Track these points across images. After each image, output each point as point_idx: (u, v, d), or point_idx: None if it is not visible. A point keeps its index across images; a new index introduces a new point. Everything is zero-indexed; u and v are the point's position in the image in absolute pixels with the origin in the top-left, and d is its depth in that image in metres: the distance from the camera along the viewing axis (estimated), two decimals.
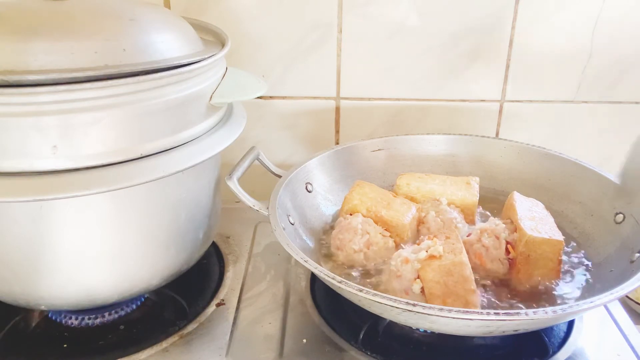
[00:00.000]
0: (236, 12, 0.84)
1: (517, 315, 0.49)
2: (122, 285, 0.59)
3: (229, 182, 0.66)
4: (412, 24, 0.85)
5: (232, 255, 0.77)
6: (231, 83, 0.62)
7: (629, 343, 0.62)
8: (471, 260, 0.63)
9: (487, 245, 0.64)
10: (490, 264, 0.64)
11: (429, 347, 0.61)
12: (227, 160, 0.71)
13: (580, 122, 0.91)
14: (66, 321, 0.64)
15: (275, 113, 0.90)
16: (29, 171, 0.49)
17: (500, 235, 0.64)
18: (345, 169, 0.80)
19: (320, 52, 0.86)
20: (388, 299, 0.50)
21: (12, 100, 0.47)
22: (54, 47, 0.49)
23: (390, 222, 0.69)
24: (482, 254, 0.64)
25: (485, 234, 0.65)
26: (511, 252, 0.64)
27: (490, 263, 0.64)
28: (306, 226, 0.72)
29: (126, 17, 0.55)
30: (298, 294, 0.69)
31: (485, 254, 0.64)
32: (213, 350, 0.60)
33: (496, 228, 0.65)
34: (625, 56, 0.86)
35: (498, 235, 0.64)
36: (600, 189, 0.71)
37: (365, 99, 0.90)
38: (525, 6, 0.84)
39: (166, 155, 0.55)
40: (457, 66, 0.87)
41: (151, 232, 0.59)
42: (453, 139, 0.84)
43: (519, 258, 0.63)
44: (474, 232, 0.67)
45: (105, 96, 0.50)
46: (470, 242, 0.65)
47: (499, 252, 0.64)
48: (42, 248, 0.54)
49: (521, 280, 0.63)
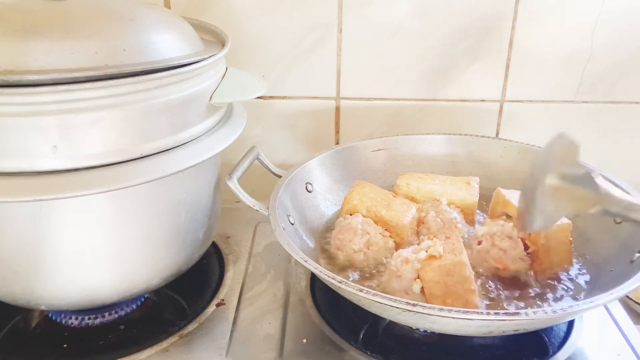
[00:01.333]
0: (236, 12, 0.84)
1: (517, 315, 0.49)
2: (122, 285, 0.59)
3: (229, 182, 0.66)
4: (412, 24, 0.85)
5: (232, 255, 0.77)
6: (231, 83, 0.62)
7: (629, 343, 0.62)
8: (492, 266, 0.64)
9: (504, 248, 0.64)
10: (513, 265, 0.63)
11: (429, 347, 0.61)
12: (227, 160, 0.71)
13: (580, 122, 0.91)
14: (66, 321, 0.64)
15: (275, 113, 0.90)
16: (29, 171, 0.49)
17: (513, 235, 0.64)
18: (345, 169, 0.80)
19: (320, 52, 0.86)
20: (388, 299, 0.50)
21: (12, 100, 0.47)
22: (54, 47, 0.49)
23: (390, 222, 0.69)
24: (501, 258, 0.64)
25: (496, 238, 0.64)
26: (530, 247, 0.64)
27: (513, 264, 0.63)
28: (306, 226, 0.72)
29: (126, 17, 0.55)
30: (298, 294, 0.69)
31: (504, 256, 0.63)
32: (213, 350, 0.60)
33: (504, 229, 0.65)
34: (625, 56, 0.86)
35: (510, 235, 0.64)
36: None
37: (365, 99, 0.90)
38: (525, 6, 0.84)
39: (166, 155, 0.55)
40: (457, 66, 0.87)
41: (151, 232, 0.59)
42: (453, 139, 0.84)
43: (540, 250, 0.63)
44: (483, 239, 0.65)
45: (105, 96, 0.50)
46: (486, 250, 0.64)
47: (519, 250, 0.64)
48: (42, 248, 0.54)
49: (544, 271, 0.64)
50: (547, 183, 0.53)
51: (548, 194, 0.53)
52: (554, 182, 0.53)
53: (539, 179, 0.53)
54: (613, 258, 0.65)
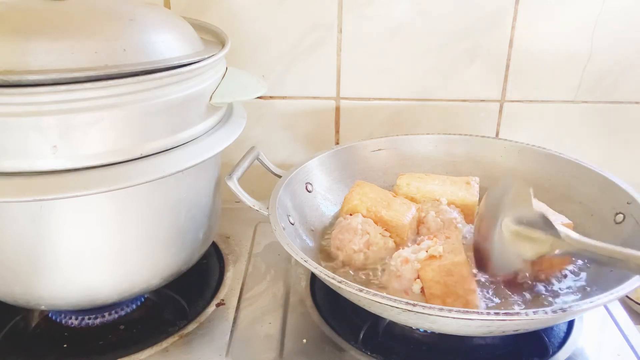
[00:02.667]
0: (236, 12, 0.84)
1: (517, 315, 0.49)
2: (122, 285, 0.59)
3: (229, 182, 0.66)
4: (412, 24, 0.85)
5: (232, 255, 0.77)
6: (231, 83, 0.62)
7: (629, 343, 0.62)
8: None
9: None
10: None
11: (429, 347, 0.61)
12: (227, 160, 0.71)
13: (580, 122, 0.91)
14: (66, 321, 0.64)
15: (275, 113, 0.90)
16: (29, 171, 0.49)
17: None
18: (345, 169, 0.80)
19: (320, 52, 0.86)
20: (388, 299, 0.50)
21: (12, 100, 0.47)
22: (54, 47, 0.49)
23: (390, 222, 0.69)
24: None
25: None
26: None
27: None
28: (306, 226, 0.72)
29: (126, 17, 0.55)
30: (298, 294, 0.69)
31: None
32: (213, 350, 0.60)
33: None
34: (625, 56, 0.86)
35: None
36: (600, 189, 0.71)
37: (365, 99, 0.90)
38: (525, 6, 0.84)
39: (166, 155, 0.55)
40: (457, 66, 0.87)
41: (151, 232, 0.59)
42: (453, 139, 0.84)
43: None
44: None
45: (105, 96, 0.50)
46: None
47: None
48: (42, 248, 0.54)
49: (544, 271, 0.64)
50: (505, 228, 0.54)
51: (507, 239, 0.54)
52: (512, 227, 0.54)
53: (495, 224, 0.54)
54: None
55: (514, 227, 0.54)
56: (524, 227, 0.53)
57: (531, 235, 0.53)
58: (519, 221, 0.54)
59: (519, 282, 0.63)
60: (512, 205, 0.54)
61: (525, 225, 0.53)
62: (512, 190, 0.56)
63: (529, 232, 0.53)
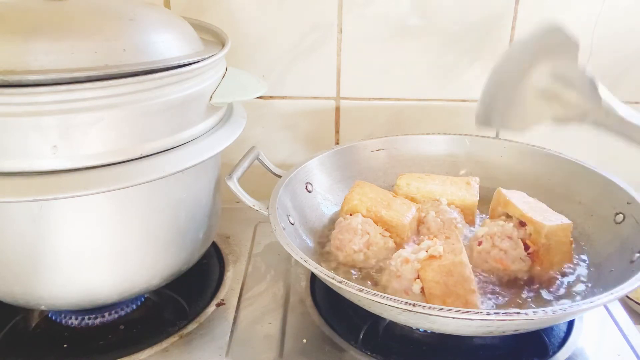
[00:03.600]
0: (236, 12, 0.84)
1: (517, 315, 0.49)
2: (122, 285, 0.59)
3: (229, 182, 0.66)
4: (412, 24, 0.85)
5: (232, 255, 0.77)
6: (231, 83, 0.62)
7: (629, 343, 0.62)
8: (492, 266, 0.64)
9: (504, 249, 0.64)
10: (513, 265, 0.64)
11: (429, 347, 0.61)
12: (227, 160, 0.71)
13: None
14: (66, 321, 0.64)
15: (275, 113, 0.90)
16: (29, 171, 0.49)
17: (513, 235, 0.64)
18: (345, 169, 0.80)
19: (320, 52, 0.86)
20: (388, 299, 0.50)
21: (12, 100, 0.47)
22: (54, 47, 0.49)
23: (390, 222, 0.69)
24: (502, 258, 0.64)
25: (496, 238, 0.65)
26: (531, 247, 0.64)
27: (513, 264, 0.64)
28: (306, 226, 0.72)
29: (126, 17, 0.55)
30: (298, 294, 0.69)
31: (505, 257, 0.64)
32: (213, 350, 0.60)
33: (504, 229, 0.65)
34: (625, 56, 0.86)
35: (510, 236, 0.64)
36: (600, 189, 0.71)
37: (365, 99, 0.90)
38: (525, 6, 0.84)
39: (166, 155, 0.55)
40: (457, 66, 0.87)
41: (151, 232, 0.59)
42: (453, 139, 0.84)
43: (541, 250, 0.63)
44: (483, 239, 0.65)
45: (105, 96, 0.50)
46: (486, 250, 0.65)
47: (519, 251, 0.64)
48: (42, 248, 0.54)
49: (544, 271, 0.64)
50: (535, 80, 0.45)
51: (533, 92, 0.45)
52: (543, 81, 0.45)
53: (523, 72, 0.45)
54: (613, 258, 0.65)
55: (549, 81, 0.45)
56: (560, 85, 0.45)
57: (564, 95, 0.45)
58: (557, 76, 0.45)
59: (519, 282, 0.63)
60: (554, 55, 0.45)
61: (563, 83, 0.45)
62: (551, 40, 0.46)
63: (563, 92, 0.45)
